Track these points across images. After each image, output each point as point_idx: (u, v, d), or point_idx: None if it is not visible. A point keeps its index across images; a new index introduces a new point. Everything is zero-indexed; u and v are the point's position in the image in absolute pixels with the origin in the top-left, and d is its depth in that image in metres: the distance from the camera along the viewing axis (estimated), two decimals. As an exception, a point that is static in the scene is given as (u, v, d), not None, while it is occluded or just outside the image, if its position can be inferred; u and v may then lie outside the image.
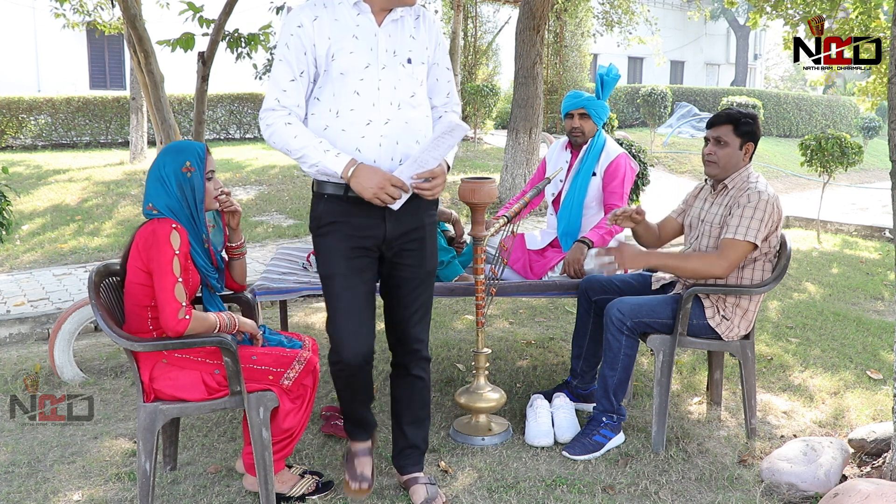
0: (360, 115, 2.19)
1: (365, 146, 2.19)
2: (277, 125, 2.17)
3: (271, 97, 2.20)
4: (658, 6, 26.85)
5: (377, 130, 2.20)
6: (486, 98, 13.69)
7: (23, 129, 12.37)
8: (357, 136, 2.19)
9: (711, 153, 2.85)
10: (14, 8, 15.35)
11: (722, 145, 2.83)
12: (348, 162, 2.12)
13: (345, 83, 2.18)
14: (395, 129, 2.22)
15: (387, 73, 2.22)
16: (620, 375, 2.82)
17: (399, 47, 2.25)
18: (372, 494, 2.48)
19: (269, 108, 2.21)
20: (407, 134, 2.24)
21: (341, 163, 2.13)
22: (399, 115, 2.22)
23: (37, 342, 4.43)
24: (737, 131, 2.81)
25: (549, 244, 3.55)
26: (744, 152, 2.83)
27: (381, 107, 2.20)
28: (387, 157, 2.21)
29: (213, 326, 2.26)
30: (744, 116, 2.82)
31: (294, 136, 2.16)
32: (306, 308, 5.06)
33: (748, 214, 2.71)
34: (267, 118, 2.20)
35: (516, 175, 8.20)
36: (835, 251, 7.34)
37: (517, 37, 7.96)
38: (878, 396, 3.41)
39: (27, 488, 2.55)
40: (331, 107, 2.20)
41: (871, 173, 16.55)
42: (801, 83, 35.53)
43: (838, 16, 7.17)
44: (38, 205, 7.95)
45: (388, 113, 2.21)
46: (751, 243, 2.71)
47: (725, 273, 2.74)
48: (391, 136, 2.21)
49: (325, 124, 2.20)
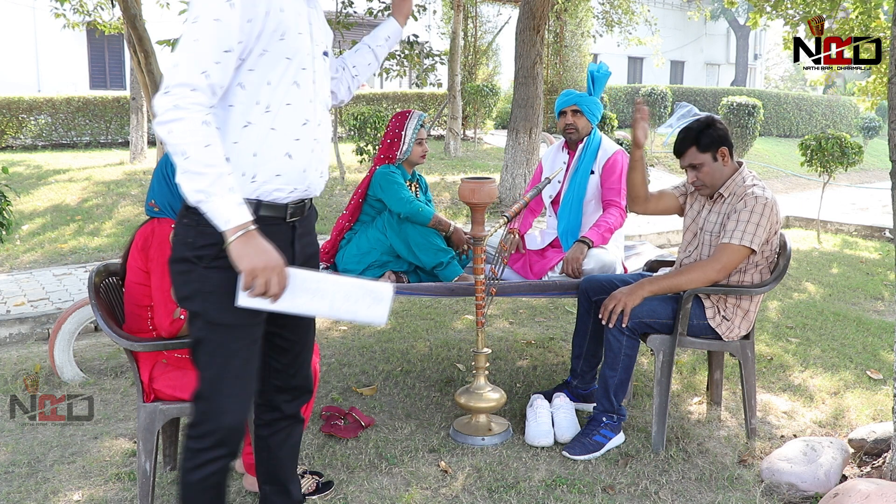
0: (296, 112, 1.77)
1: (298, 151, 1.78)
2: (190, 119, 1.58)
3: (194, 68, 1.59)
4: (658, 6, 26.84)
5: (311, 133, 1.81)
6: (486, 98, 13.70)
7: (23, 129, 12.37)
8: (290, 137, 1.76)
9: (695, 180, 2.81)
10: (14, 8, 15.35)
11: (698, 168, 2.78)
12: (249, 220, 1.62)
13: (287, 71, 1.74)
14: (324, 133, 1.87)
15: (318, 64, 1.85)
16: (621, 376, 2.82)
17: (319, 36, 1.89)
18: (371, 494, 2.49)
19: (185, 84, 1.58)
20: (326, 139, 1.89)
21: (240, 215, 1.60)
22: (324, 117, 1.88)
23: (37, 342, 4.43)
24: (701, 148, 2.76)
25: (549, 244, 3.55)
26: (721, 159, 2.77)
27: (316, 105, 1.83)
28: (315, 167, 1.84)
29: None
30: (701, 129, 2.76)
31: (206, 146, 1.58)
32: (306, 308, 5.06)
33: (745, 219, 2.69)
34: (179, 99, 1.58)
35: (516, 175, 8.20)
36: (835, 251, 7.35)
37: (517, 37, 7.96)
38: (878, 396, 3.41)
39: (27, 488, 2.55)
40: (260, 98, 1.72)
41: (871, 173, 16.55)
42: (801, 83, 35.53)
43: (838, 16, 7.16)
44: (38, 205, 7.95)
45: (320, 113, 1.85)
46: (748, 248, 2.69)
47: (720, 277, 2.73)
48: (322, 142, 1.85)
49: (248, 120, 1.72)
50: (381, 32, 2.27)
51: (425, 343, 4.19)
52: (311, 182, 1.85)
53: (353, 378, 3.64)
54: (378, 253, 3.36)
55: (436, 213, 3.39)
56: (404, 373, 3.70)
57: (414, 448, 2.83)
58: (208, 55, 1.60)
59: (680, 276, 2.76)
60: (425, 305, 4.98)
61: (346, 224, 3.50)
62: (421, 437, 2.93)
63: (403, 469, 2.67)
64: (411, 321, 4.64)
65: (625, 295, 2.76)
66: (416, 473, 2.64)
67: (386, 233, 3.35)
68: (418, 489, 2.53)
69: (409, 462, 2.72)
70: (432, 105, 15.08)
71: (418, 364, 3.83)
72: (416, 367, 3.79)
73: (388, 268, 3.39)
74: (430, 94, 15.18)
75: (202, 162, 1.57)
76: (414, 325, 4.56)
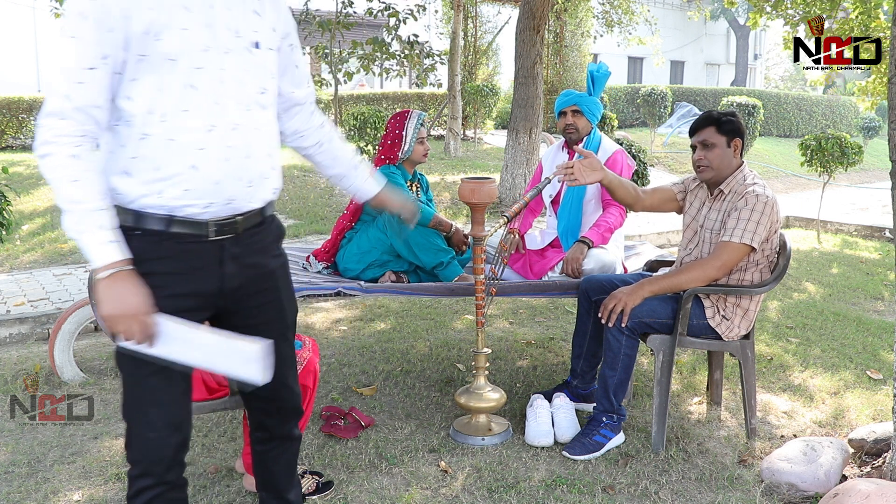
0: (197, 117, 1.58)
1: (205, 161, 1.59)
2: (58, 153, 1.49)
3: (58, 93, 1.50)
4: (658, 6, 26.84)
5: (222, 139, 1.61)
6: (486, 98, 13.70)
7: (23, 129, 12.37)
8: (193, 147, 1.58)
9: (701, 158, 2.83)
10: (14, 8, 15.36)
11: (710, 147, 2.81)
12: (118, 260, 1.51)
13: (175, 73, 1.56)
14: (245, 137, 1.65)
15: (231, 59, 1.63)
16: (621, 375, 2.82)
17: (242, 25, 1.66)
18: (371, 494, 2.49)
19: (52, 114, 1.50)
20: (259, 145, 1.68)
21: (108, 254, 1.50)
22: (249, 119, 1.66)
23: (37, 342, 4.43)
24: (720, 130, 2.80)
25: (549, 244, 3.55)
26: (733, 149, 2.81)
27: (227, 107, 1.62)
28: (234, 178, 1.63)
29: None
30: (724, 115, 2.82)
31: (73, 181, 1.49)
32: (306, 308, 5.06)
33: (745, 217, 2.70)
34: (47, 132, 1.50)
35: (516, 175, 8.20)
36: (835, 251, 7.34)
37: (517, 37, 7.96)
38: (878, 396, 3.41)
39: (27, 488, 2.55)
40: (152, 107, 1.56)
41: (871, 173, 16.55)
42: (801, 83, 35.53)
43: (838, 16, 7.17)
44: (38, 205, 7.95)
45: (236, 116, 1.63)
46: (747, 246, 2.70)
47: (720, 275, 2.73)
48: (241, 149, 1.64)
49: (145, 133, 1.56)
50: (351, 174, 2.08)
51: (425, 343, 4.19)
52: (232, 195, 1.64)
53: (353, 378, 3.64)
54: (378, 252, 3.37)
55: (436, 214, 3.39)
56: (404, 373, 3.70)
57: (414, 448, 2.83)
58: (70, 77, 1.49)
59: (680, 276, 2.77)
60: (425, 305, 4.98)
61: (347, 223, 3.50)
62: (421, 437, 2.93)
63: (403, 469, 2.67)
64: (411, 321, 4.64)
65: (625, 295, 2.76)
66: (416, 473, 2.64)
67: (387, 232, 3.36)
68: (418, 489, 2.53)
69: (409, 462, 2.72)
70: (432, 105, 15.07)
71: (418, 364, 3.83)
72: (416, 367, 3.79)
73: (388, 267, 3.39)
74: (430, 94, 15.17)
75: (69, 198, 1.49)
76: (414, 325, 4.56)
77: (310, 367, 2.40)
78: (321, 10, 9.87)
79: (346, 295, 3.17)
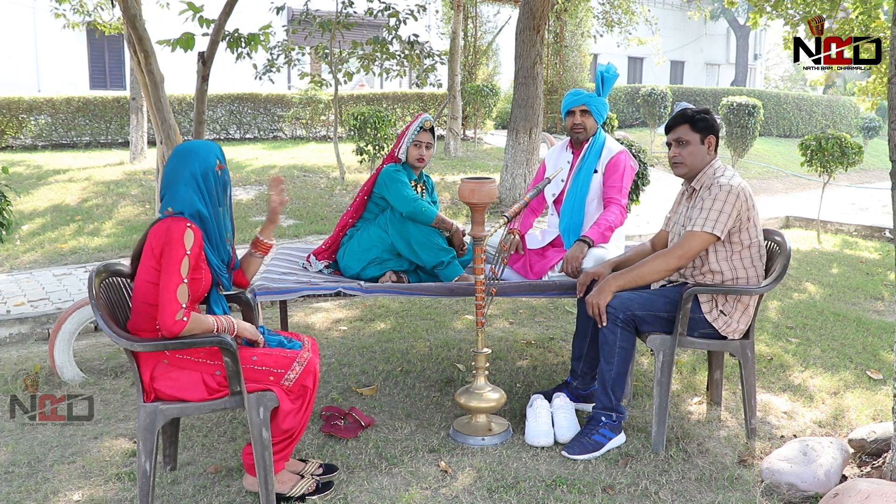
0: None
1: None
2: None
3: None
4: (658, 6, 26.84)
5: None
6: (486, 98, 13.70)
7: (23, 129, 12.37)
8: None
9: (676, 155, 2.91)
10: (14, 8, 15.35)
11: (683, 144, 2.88)
12: None
13: None
14: None
15: None
16: (617, 368, 2.82)
17: None
18: (371, 494, 2.49)
19: None
20: None
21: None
22: None
23: (37, 342, 4.43)
24: (694, 128, 2.87)
25: (549, 244, 3.55)
26: (707, 146, 2.88)
27: None
28: None
29: (210, 330, 2.26)
30: (697, 113, 2.88)
31: None
32: (306, 308, 5.06)
33: (708, 206, 2.76)
34: None
35: (516, 175, 8.20)
36: (835, 251, 7.34)
37: (517, 37, 7.96)
38: (878, 396, 3.41)
39: (27, 488, 2.55)
40: None
41: (871, 173, 16.56)
42: (801, 83, 35.53)
43: (838, 16, 7.17)
44: (38, 205, 7.95)
45: None
46: (709, 234, 2.74)
47: (682, 263, 2.80)
48: None
49: None
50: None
51: (425, 343, 4.19)
52: None
53: (353, 378, 3.64)
54: (379, 250, 3.37)
55: (439, 213, 3.39)
56: (404, 373, 3.70)
57: (414, 448, 2.83)
58: None
59: (643, 267, 2.84)
60: (425, 305, 4.98)
61: (350, 220, 3.51)
62: (421, 437, 2.93)
63: (403, 469, 2.67)
64: (411, 321, 4.64)
65: (594, 297, 2.82)
66: (416, 473, 2.64)
67: (388, 230, 3.36)
68: (418, 489, 2.53)
69: (409, 462, 2.72)
70: (432, 105, 15.08)
71: (418, 364, 3.83)
72: (416, 367, 3.79)
73: (387, 266, 3.39)
74: (430, 94, 15.18)
75: None
76: (414, 325, 4.56)
77: (310, 368, 2.40)
78: (321, 10, 9.86)
79: (346, 295, 3.17)
